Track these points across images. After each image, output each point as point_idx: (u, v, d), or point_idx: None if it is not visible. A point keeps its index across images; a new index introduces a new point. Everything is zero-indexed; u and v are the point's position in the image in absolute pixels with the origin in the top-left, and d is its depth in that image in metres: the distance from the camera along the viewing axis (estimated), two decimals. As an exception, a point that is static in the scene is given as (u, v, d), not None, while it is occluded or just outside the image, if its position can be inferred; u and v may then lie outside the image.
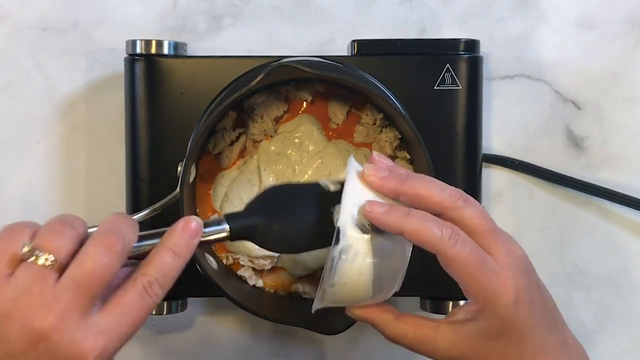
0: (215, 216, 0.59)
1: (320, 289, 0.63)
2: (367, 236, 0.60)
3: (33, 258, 0.52)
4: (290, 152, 0.76)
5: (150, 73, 0.77)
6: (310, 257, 0.76)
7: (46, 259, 0.53)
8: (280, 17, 0.83)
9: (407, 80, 0.77)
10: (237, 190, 0.76)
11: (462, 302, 0.78)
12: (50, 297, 0.52)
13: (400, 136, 0.77)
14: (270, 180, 0.76)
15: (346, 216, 0.60)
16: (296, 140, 0.77)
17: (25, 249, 0.53)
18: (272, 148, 0.77)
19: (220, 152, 0.77)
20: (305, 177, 0.76)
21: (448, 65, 0.77)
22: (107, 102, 0.83)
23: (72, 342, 0.52)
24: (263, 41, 0.83)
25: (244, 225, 0.61)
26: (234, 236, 0.60)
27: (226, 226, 0.60)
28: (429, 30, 0.83)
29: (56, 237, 0.54)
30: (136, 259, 0.56)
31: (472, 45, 0.79)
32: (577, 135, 0.84)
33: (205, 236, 0.59)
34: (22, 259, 0.53)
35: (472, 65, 0.78)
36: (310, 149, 0.77)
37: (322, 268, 0.76)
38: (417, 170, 0.76)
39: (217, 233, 0.60)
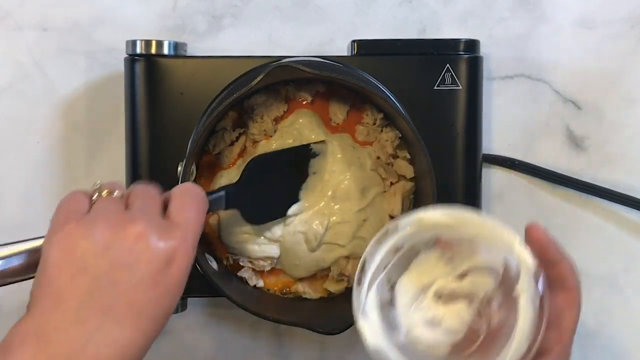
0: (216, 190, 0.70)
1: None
2: None
3: (104, 193, 0.60)
4: (290, 143, 0.76)
5: (150, 73, 0.77)
6: (310, 260, 0.76)
7: (110, 192, 0.60)
8: (280, 17, 0.83)
9: (407, 80, 0.77)
10: (236, 190, 0.76)
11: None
12: (138, 213, 0.58)
13: (401, 135, 0.77)
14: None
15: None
16: (295, 132, 0.76)
17: (97, 186, 0.60)
18: (273, 146, 0.77)
19: (220, 152, 0.77)
20: (315, 174, 0.76)
21: (448, 65, 0.77)
22: (107, 102, 0.83)
23: (164, 239, 0.57)
24: (263, 41, 0.83)
25: (237, 195, 0.70)
26: (228, 203, 0.69)
27: (222, 193, 0.69)
28: (429, 30, 0.83)
29: (114, 185, 0.61)
30: None
31: (472, 45, 0.79)
32: (577, 135, 0.84)
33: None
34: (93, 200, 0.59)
35: (472, 65, 0.78)
36: (312, 137, 0.76)
37: (322, 270, 0.77)
38: (417, 170, 0.76)
39: (218, 199, 0.69)
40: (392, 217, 0.77)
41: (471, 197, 0.78)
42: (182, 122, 0.76)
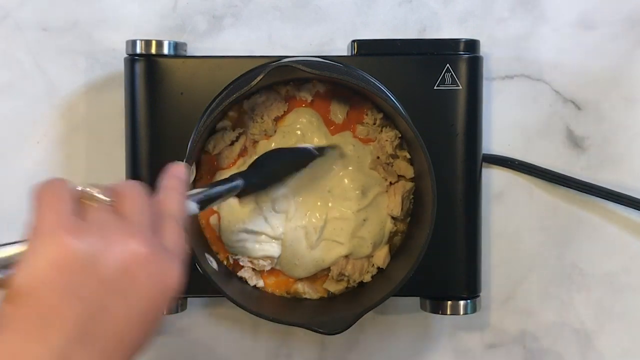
0: (229, 177, 0.69)
1: None
2: None
3: (94, 196, 0.52)
4: (293, 143, 0.76)
5: (150, 73, 0.77)
6: (310, 259, 0.76)
7: (102, 195, 0.52)
8: (280, 17, 0.83)
9: (407, 80, 0.77)
10: (237, 190, 0.76)
11: (462, 302, 0.78)
12: (138, 228, 0.51)
13: (400, 135, 0.77)
14: (270, 180, 0.76)
15: None
16: (298, 132, 0.76)
17: (81, 188, 0.52)
18: (273, 145, 0.77)
19: (220, 152, 0.77)
20: (313, 169, 0.76)
21: (448, 65, 0.77)
22: (107, 102, 0.83)
23: (162, 268, 0.51)
24: (263, 41, 0.83)
25: (251, 183, 0.70)
26: (242, 192, 0.69)
27: (240, 181, 0.68)
28: (429, 30, 0.83)
29: (100, 187, 0.53)
30: None
31: (472, 45, 0.79)
32: (577, 135, 0.84)
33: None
34: (82, 200, 0.51)
35: (472, 65, 0.78)
36: (314, 141, 0.76)
37: (322, 270, 0.77)
38: (417, 170, 0.76)
39: (233, 188, 0.68)
40: (392, 218, 0.77)
41: (471, 197, 0.79)
42: (182, 122, 0.76)
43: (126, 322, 0.49)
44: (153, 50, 0.77)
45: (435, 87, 0.77)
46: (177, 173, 0.58)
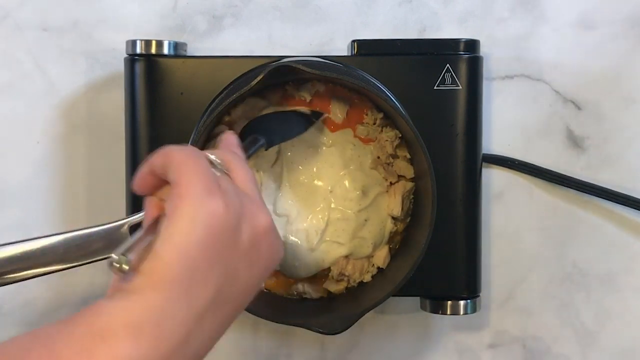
0: (251, 137, 0.70)
1: None
2: None
3: (221, 170, 0.55)
4: (292, 146, 0.76)
5: (150, 73, 0.77)
6: (310, 260, 0.76)
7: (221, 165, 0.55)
8: (280, 17, 0.83)
9: (407, 80, 0.77)
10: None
11: (462, 302, 0.78)
12: (258, 201, 0.55)
13: (400, 135, 0.77)
14: (270, 183, 0.76)
15: None
16: None
17: (214, 156, 0.55)
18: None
19: (220, 152, 0.77)
20: (314, 170, 0.76)
21: (448, 65, 0.77)
22: (107, 102, 0.83)
23: (276, 241, 0.55)
24: (263, 41, 0.83)
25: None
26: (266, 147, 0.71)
27: (263, 141, 0.70)
28: (429, 30, 0.83)
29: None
30: None
31: (472, 45, 0.79)
32: (577, 135, 0.84)
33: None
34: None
35: (472, 65, 0.78)
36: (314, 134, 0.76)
37: (322, 270, 0.77)
38: (417, 170, 0.76)
39: (259, 147, 0.69)
40: (392, 218, 0.77)
41: (471, 197, 0.79)
42: (182, 122, 0.76)
43: (247, 290, 0.53)
44: (153, 50, 0.77)
45: (435, 87, 0.77)
46: (231, 144, 0.61)
